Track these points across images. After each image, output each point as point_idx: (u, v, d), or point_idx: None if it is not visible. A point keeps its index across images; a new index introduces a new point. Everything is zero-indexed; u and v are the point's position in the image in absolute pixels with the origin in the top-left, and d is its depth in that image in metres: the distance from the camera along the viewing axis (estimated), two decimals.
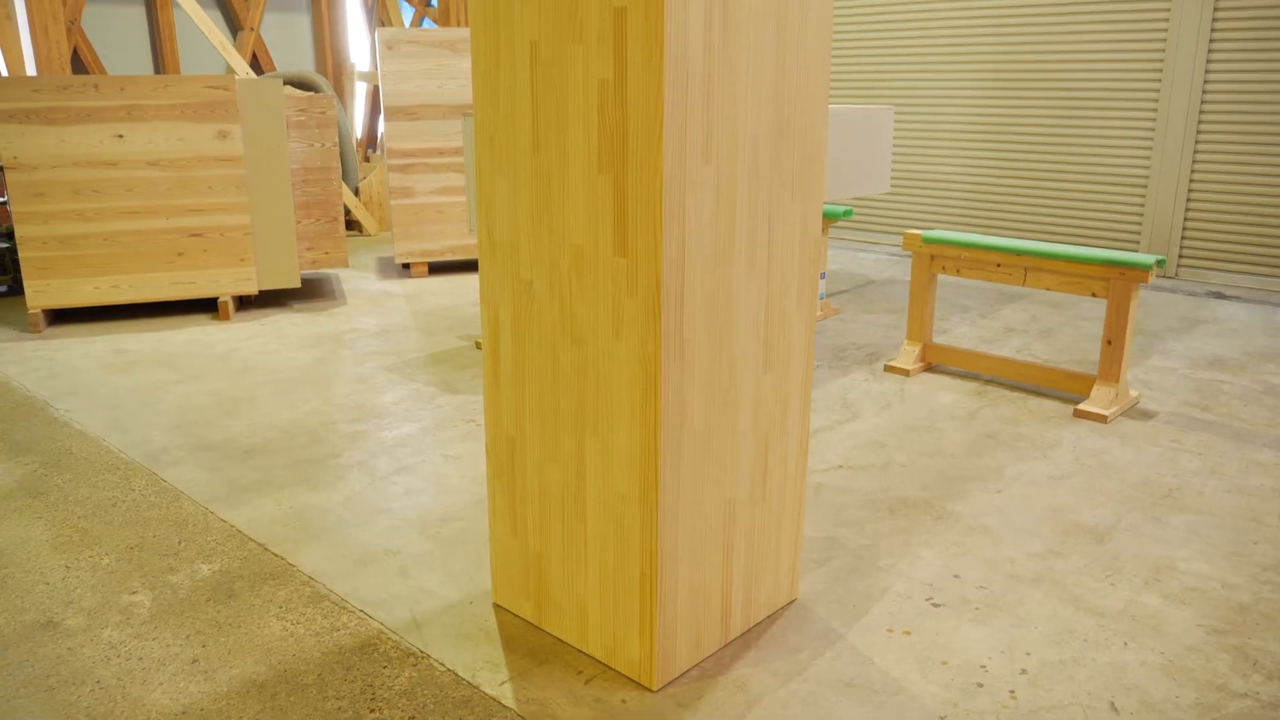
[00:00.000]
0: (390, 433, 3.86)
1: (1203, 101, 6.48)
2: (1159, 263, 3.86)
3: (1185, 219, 6.69)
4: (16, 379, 4.58)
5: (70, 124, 5.28)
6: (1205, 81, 6.45)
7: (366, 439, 3.80)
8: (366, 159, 10.66)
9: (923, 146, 7.99)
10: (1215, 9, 6.34)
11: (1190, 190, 6.63)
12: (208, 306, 6.08)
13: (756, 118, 2.04)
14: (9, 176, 5.25)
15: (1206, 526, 3.01)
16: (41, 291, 5.42)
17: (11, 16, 7.83)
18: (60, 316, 5.84)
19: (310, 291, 6.57)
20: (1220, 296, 6.27)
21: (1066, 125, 7.14)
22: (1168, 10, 6.53)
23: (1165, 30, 6.56)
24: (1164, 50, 6.59)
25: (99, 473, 3.46)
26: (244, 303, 6.19)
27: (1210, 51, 6.40)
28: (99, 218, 5.42)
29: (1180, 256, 6.76)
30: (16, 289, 6.61)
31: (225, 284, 5.74)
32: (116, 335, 5.39)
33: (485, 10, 2.14)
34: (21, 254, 5.34)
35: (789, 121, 2.14)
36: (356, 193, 9.09)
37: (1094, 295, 4.03)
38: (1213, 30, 6.37)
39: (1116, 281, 3.95)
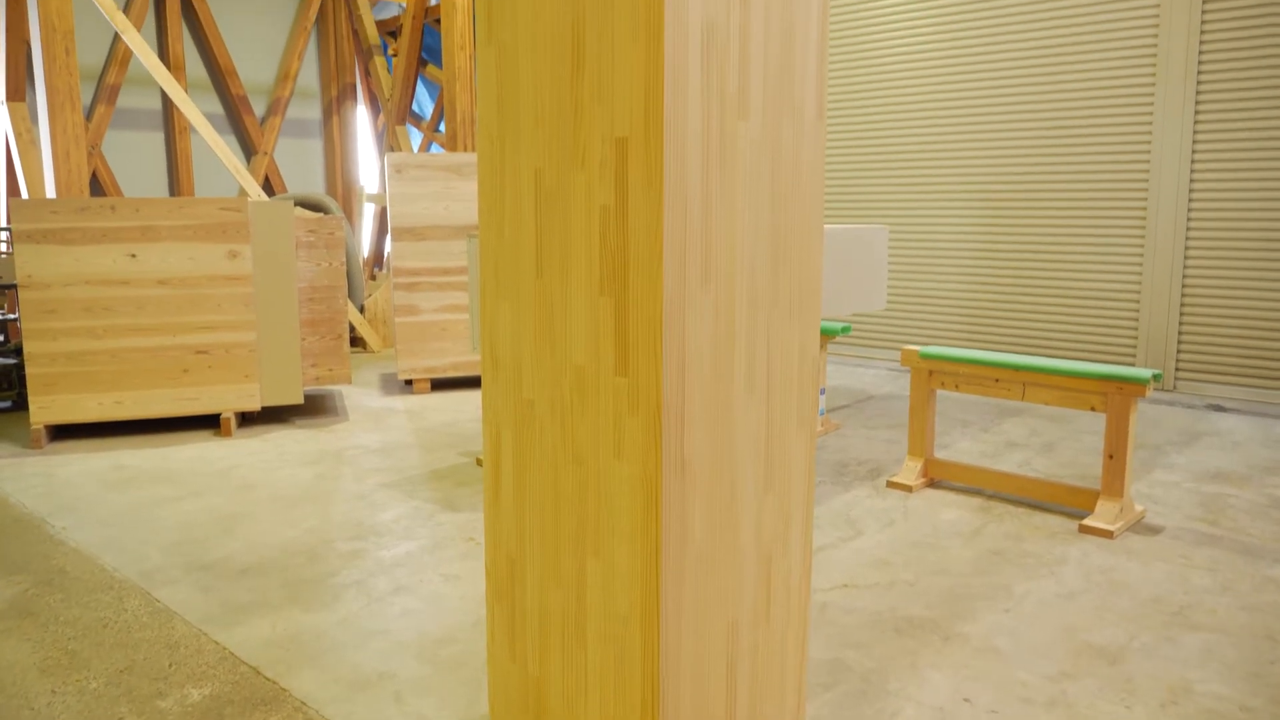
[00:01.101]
0: (389, 551, 3.82)
1: (1189, 216, 6.65)
2: (1155, 376, 3.90)
3: (1180, 332, 6.77)
4: (14, 495, 4.56)
5: (85, 244, 5.42)
6: (1190, 196, 6.64)
7: (365, 558, 3.75)
8: (373, 277, 10.88)
9: (918, 264, 8.16)
10: (1196, 125, 6.57)
11: (1183, 304, 6.74)
12: (210, 422, 6.10)
13: (754, 243, 2.11)
14: (22, 294, 5.35)
15: (1221, 645, 2.94)
16: (45, 408, 5.45)
17: (35, 142, 8.14)
18: (62, 432, 5.85)
19: (313, 408, 6.60)
20: (1219, 409, 6.29)
21: (1058, 242, 7.31)
22: (1150, 128, 6.78)
23: (1149, 146, 6.80)
24: (1149, 166, 6.81)
25: (91, 592, 3.41)
26: (246, 419, 6.21)
27: (1193, 166, 6.61)
28: (108, 335, 5.50)
29: (1177, 369, 6.81)
30: (21, 404, 6.65)
31: (229, 400, 5.77)
32: (117, 451, 5.39)
33: (491, 139, 2.23)
34: (28, 370, 5.39)
35: (785, 247, 2.20)
36: (362, 310, 9.24)
37: (1093, 409, 4.05)
38: (1194, 146, 6.59)
39: (1114, 395, 3.98)
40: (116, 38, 9.85)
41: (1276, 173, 6.30)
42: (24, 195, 8.08)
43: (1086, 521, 3.98)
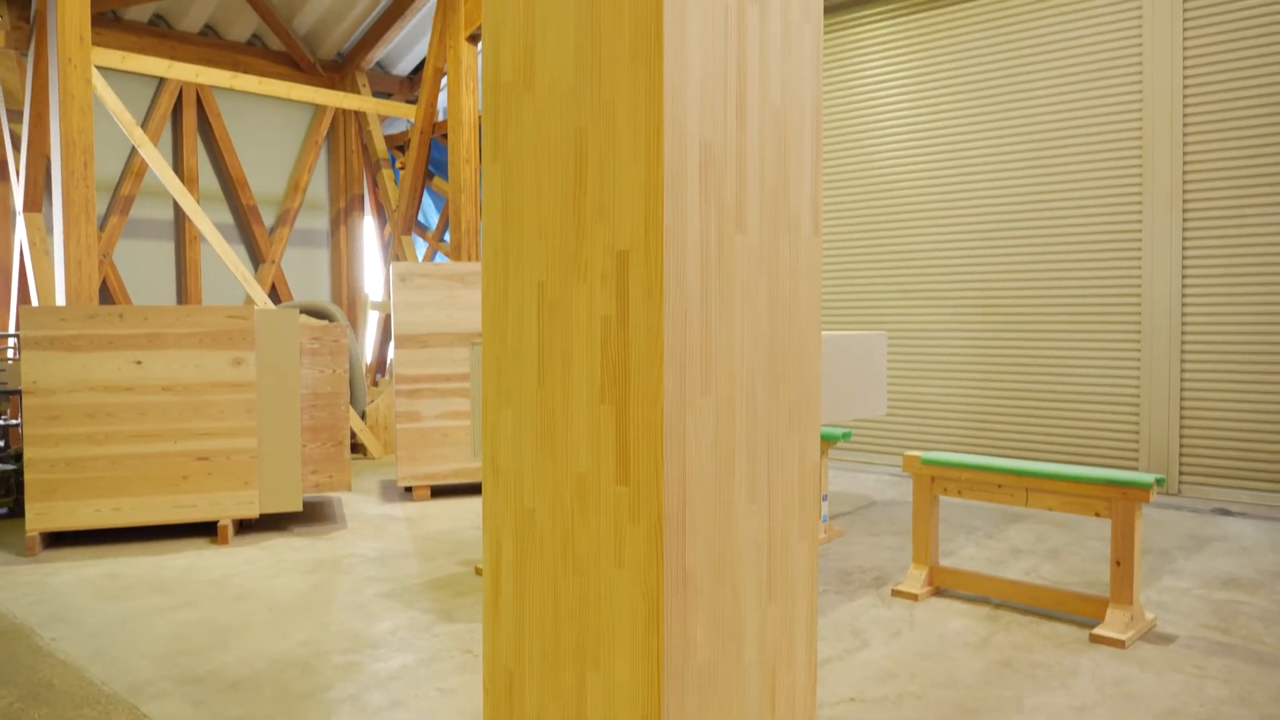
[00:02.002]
0: (384, 664, 3.73)
1: (1183, 318, 6.74)
2: (1158, 481, 3.88)
3: (1181, 436, 6.77)
4: (5, 605, 4.48)
5: (92, 350, 5.48)
6: (1183, 298, 6.74)
7: (359, 671, 3.66)
8: (375, 383, 10.93)
9: (918, 369, 8.22)
10: (1185, 229, 6.72)
11: (1182, 407, 6.76)
12: (208, 529, 6.04)
13: (753, 352, 2.14)
14: (26, 400, 5.38)
15: None
16: (42, 514, 5.41)
17: (49, 252, 8.32)
18: (57, 539, 5.79)
19: (311, 515, 6.55)
20: (1225, 513, 6.23)
21: (1055, 346, 7.38)
22: (1140, 232, 6.92)
23: (1139, 250, 6.93)
24: (1140, 269, 6.93)
25: (78, 707, 3.32)
26: (244, 525, 6.15)
27: (1185, 268, 6.73)
28: (109, 441, 5.51)
29: (1181, 473, 6.78)
30: (17, 511, 6.59)
31: (227, 507, 5.73)
32: (112, 559, 5.32)
33: (496, 252, 2.29)
34: (27, 476, 5.37)
35: (784, 355, 2.23)
36: (363, 416, 9.25)
37: (1097, 515, 4.02)
38: (1184, 249, 6.73)
39: (1118, 501, 3.95)
40: (133, 151, 10.17)
41: (1267, 273, 6.42)
42: (34, 303, 8.21)
43: (1097, 631, 3.90)
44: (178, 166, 10.65)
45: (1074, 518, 6.18)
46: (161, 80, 10.40)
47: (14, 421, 6.82)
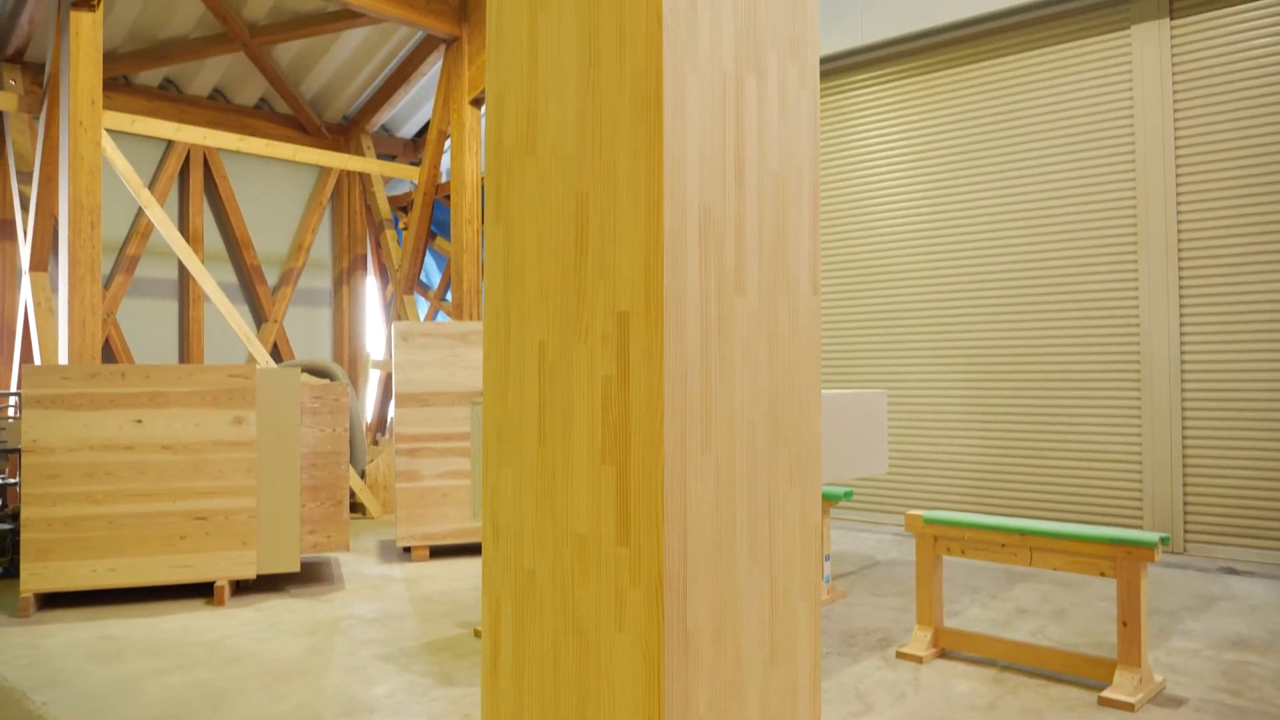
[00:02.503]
0: None
1: (1183, 376, 6.75)
2: (1163, 540, 3.85)
3: (1185, 495, 6.73)
4: None
5: (93, 409, 5.48)
6: (1182, 356, 6.76)
7: None
8: (375, 442, 10.91)
9: (919, 428, 8.21)
10: (1180, 285, 6.77)
11: (1185, 465, 6.73)
12: (204, 590, 5.98)
13: (753, 410, 2.15)
14: (25, 459, 5.37)
15: None
16: (36, 575, 5.35)
17: (53, 311, 8.37)
18: (51, 600, 5.72)
19: (309, 575, 6.48)
20: (1233, 572, 6.17)
21: (1056, 404, 7.38)
22: (1137, 290, 6.97)
23: (1137, 309, 6.97)
24: (1139, 327, 6.96)
25: None
26: (241, 586, 6.09)
27: (1183, 325, 6.76)
28: (108, 500, 5.48)
29: (1186, 532, 6.73)
30: (13, 571, 6.53)
31: (224, 568, 5.68)
32: (106, 621, 5.26)
33: (497, 312, 2.31)
34: (24, 536, 5.33)
35: (784, 415, 2.24)
36: (363, 475, 9.22)
37: (1103, 574, 3.98)
38: (1181, 308, 6.76)
39: (1123, 560, 3.92)
40: (139, 211, 10.30)
41: (1265, 328, 6.44)
42: (37, 362, 8.24)
43: (1106, 694, 3.84)
44: (183, 227, 10.77)
45: (1079, 577, 6.12)
46: (169, 142, 10.58)
47: (12, 480, 6.80)
